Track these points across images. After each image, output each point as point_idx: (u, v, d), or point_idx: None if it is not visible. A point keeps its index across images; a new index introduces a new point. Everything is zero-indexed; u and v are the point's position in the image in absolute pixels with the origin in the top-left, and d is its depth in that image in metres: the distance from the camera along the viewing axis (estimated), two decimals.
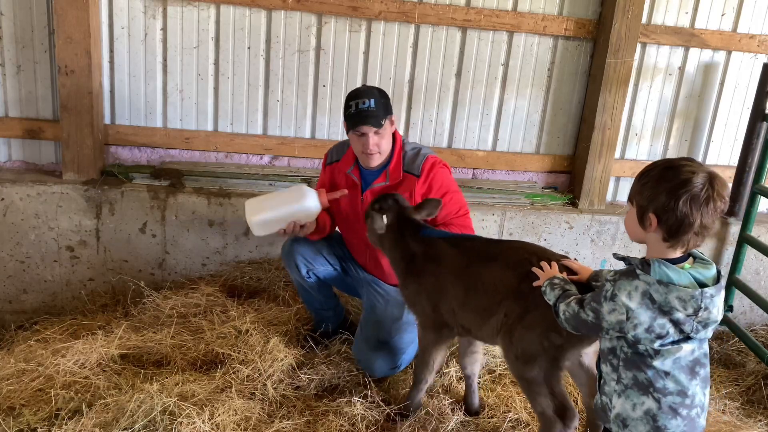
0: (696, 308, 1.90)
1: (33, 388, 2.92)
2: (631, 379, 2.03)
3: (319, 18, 4.08)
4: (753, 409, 3.57)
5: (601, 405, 2.15)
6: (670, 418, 1.99)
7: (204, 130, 4.18)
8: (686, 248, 1.96)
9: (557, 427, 2.47)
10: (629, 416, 2.04)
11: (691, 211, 1.86)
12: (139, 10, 3.92)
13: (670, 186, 1.88)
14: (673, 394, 1.99)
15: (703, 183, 1.86)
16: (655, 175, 1.93)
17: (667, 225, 1.91)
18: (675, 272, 1.92)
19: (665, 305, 1.91)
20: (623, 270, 2.01)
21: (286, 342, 3.39)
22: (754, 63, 4.52)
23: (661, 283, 1.90)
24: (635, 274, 1.95)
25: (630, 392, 2.04)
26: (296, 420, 2.84)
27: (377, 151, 3.10)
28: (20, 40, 3.84)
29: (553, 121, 4.52)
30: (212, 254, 4.09)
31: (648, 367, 2.00)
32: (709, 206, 1.86)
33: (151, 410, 2.63)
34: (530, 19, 4.22)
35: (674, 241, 1.93)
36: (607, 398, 2.11)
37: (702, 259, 2.01)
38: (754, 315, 4.60)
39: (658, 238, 1.96)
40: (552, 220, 4.35)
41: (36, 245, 3.92)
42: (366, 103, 3.02)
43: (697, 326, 1.93)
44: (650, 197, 1.92)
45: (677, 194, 1.86)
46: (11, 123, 3.95)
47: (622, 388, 2.05)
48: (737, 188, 4.47)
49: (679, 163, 1.91)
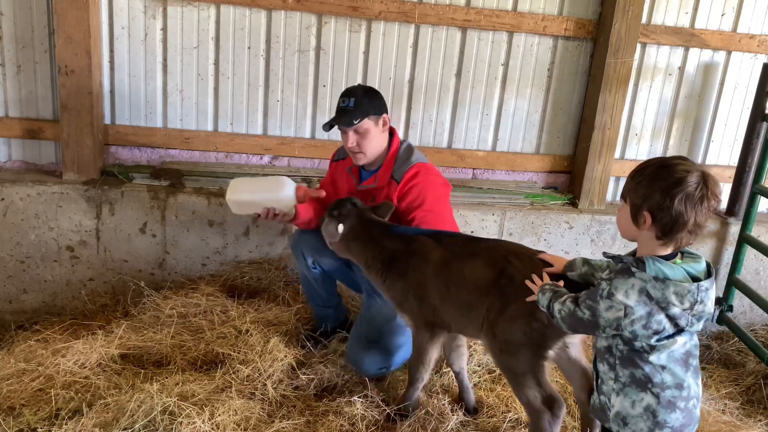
0: (692, 302, 1.92)
1: (33, 388, 2.92)
2: (628, 377, 2.04)
3: (319, 18, 4.09)
4: (753, 409, 3.57)
5: (599, 405, 2.15)
6: (669, 412, 2.01)
7: (204, 130, 4.18)
8: (678, 246, 1.98)
9: (545, 417, 2.50)
10: (629, 414, 2.04)
11: (685, 209, 1.88)
12: (139, 10, 3.92)
13: (665, 185, 1.89)
14: (671, 387, 2.00)
15: (697, 182, 1.88)
16: (650, 174, 1.94)
17: (662, 223, 1.92)
18: (669, 268, 1.94)
19: (662, 301, 1.92)
20: (618, 268, 2.00)
21: (286, 342, 3.39)
22: (754, 63, 4.52)
23: (657, 280, 1.92)
24: (630, 271, 1.96)
25: (628, 390, 2.04)
26: (296, 420, 2.84)
27: (358, 150, 3.11)
28: (20, 40, 3.84)
29: (553, 121, 4.52)
30: (212, 254, 4.09)
31: (645, 362, 2.01)
32: (703, 205, 1.88)
33: (151, 410, 2.63)
34: (530, 19, 4.22)
35: (667, 239, 1.95)
36: (605, 397, 2.12)
37: (690, 253, 2.04)
38: (754, 315, 4.60)
39: (651, 236, 1.97)
40: (552, 220, 4.35)
41: (36, 245, 3.92)
42: (346, 102, 3.06)
43: (692, 320, 1.96)
44: (645, 195, 1.93)
45: (672, 193, 1.88)
46: (11, 123, 3.95)
47: (620, 386, 2.06)
48: (737, 188, 4.48)
49: (672, 162, 1.93)
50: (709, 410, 3.25)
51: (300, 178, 4.22)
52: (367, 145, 3.10)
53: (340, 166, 3.38)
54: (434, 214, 3.06)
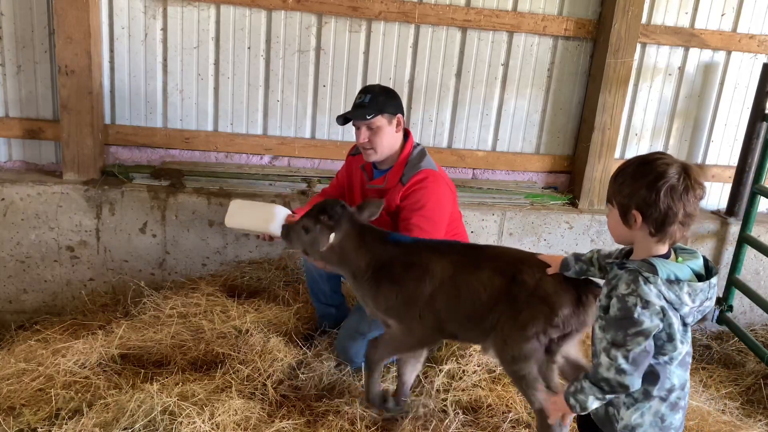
0: (703, 300, 1.95)
1: (33, 387, 2.92)
2: (641, 393, 2.02)
3: (319, 18, 4.09)
4: (753, 409, 3.57)
5: (605, 415, 2.12)
6: (673, 413, 2.03)
7: (204, 130, 4.18)
8: (673, 240, 1.99)
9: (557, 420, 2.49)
10: (638, 425, 2.05)
11: (673, 201, 1.89)
12: (139, 10, 3.92)
13: (648, 180, 1.90)
14: (677, 389, 2.03)
15: (678, 173, 1.89)
16: (631, 172, 1.94)
17: (653, 219, 1.92)
18: (677, 268, 1.95)
19: (676, 302, 1.93)
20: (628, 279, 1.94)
21: (286, 342, 3.39)
22: (754, 63, 4.52)
23: (670, 282, 1.92)
24: (643, 277, 1.92)
25: (640, 404, 2.04)
26: (296, 420, 2.84)
27: (370, 147, 3.14)
28: (20, 40, 3.84)
29: (553, 121, 4.52)
30: (212, 254, 4.09)
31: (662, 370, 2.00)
32: (689, 194, 1.89)
33: (151, 410, 2.63)
34: (530, 19, 4.22)
35: (661, 234, 1.95)
36: (614, 409, 2.09)
37: (684, 249, 2.05)
38: (754, 315, 4.60)
39: (645, 234, 1.97)
40: (552, 220, 4.35)
41: (36, 245, 3.92)
42: (362, 97, 3.12)
43: (697, 315, 1.98)
44: (630, 194, 1.94)
45: (656, 187, 1.88)
46: (11, 123, 3.95)
47: (632, 401, 2.05)
48: (737, 188, 4.48)
49: (652, 158, 1.94)
50: (709, 410, 3.24)
51: (300, 178, 4.22)
52: (379, 142, 3.12)
53: (356, 161, 3.41)
54: (429, 221, 3.06)
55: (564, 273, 2.45)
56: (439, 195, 3.12)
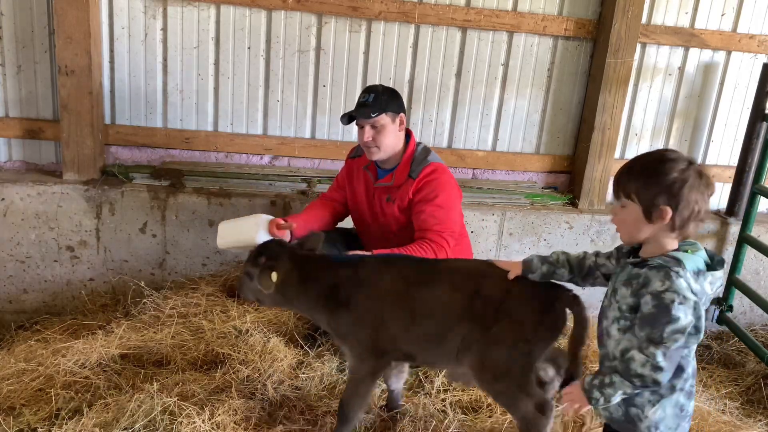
0: (717, 288, 2.02)
1: (33, 387, 2.92)
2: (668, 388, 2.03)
3: (319, 18, 4.09)
4: (753, 409, 3.57)
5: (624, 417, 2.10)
6: (689, 401, 2.09)
7: (204, 130, 4.18)
8: (687, 236, 2.02)
9: (542, 423, 2.46)
10: (661, 419, 2.06)
11: (697, 199, 1.94)
12: (139, 10, 3.92)
13: (676, 178, 1.93)
14: (691, 377, 2.07)
15: (698, 171, 1.95)
16: (657, 169, 1.96)
17: (681, 215, 1.95)
18: (699, 260, 1.99)
19: (701, 293, 1.96)
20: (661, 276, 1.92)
21: (286, 342, 3.39)
22: (753, 63, 4.52)
23: (696, 274, 1.96)
24: (674, 271, 1.92)
25: (665, 400, 2.05)
26: (296, 420, 2.84)
27: (374, 145, 3.21)
28: (20, 40, 3.84)
29: (553, 121, 4.52)
30: (212, 254, 4.09)
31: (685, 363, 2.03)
32: (707, 192, 1.96)
33: (151, 410, 2.63)
34: (530, 19, 4.22)
35: (682, 230, 1.98)
36: (637, 409, 2.07)
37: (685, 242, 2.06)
38: (754, 315, 4.60)
39: (665, 230, 1.98)
40: (552, 220, 4.35)
41: (36, 245, 3.92)
42: (366, 97, 3.20)
43: (707, 304, 2.02)
44: (659, 192, 1.94)
45: (687, 185, 1.92)
46: (11, 123, 3.95)
47: (657, 397, 2.05)
48: (737, 188, 4.48)
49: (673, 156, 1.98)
50: (709, 410, 3.24)
51: (300, 178, 4.22)
52: (383, 140, 3.20)
53: (356, 163, 3.45)
54: (443, 210, 3.14)
55: (529, 276, 2.39)
56: (450, 185, 3.23)
